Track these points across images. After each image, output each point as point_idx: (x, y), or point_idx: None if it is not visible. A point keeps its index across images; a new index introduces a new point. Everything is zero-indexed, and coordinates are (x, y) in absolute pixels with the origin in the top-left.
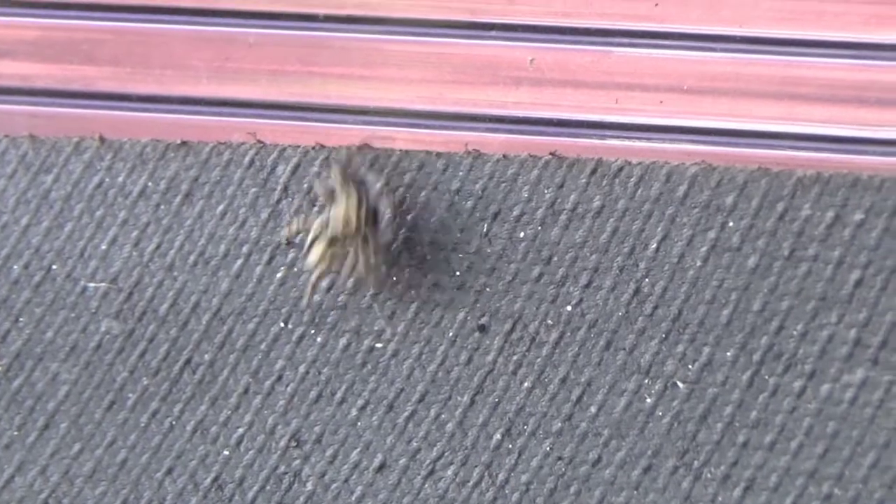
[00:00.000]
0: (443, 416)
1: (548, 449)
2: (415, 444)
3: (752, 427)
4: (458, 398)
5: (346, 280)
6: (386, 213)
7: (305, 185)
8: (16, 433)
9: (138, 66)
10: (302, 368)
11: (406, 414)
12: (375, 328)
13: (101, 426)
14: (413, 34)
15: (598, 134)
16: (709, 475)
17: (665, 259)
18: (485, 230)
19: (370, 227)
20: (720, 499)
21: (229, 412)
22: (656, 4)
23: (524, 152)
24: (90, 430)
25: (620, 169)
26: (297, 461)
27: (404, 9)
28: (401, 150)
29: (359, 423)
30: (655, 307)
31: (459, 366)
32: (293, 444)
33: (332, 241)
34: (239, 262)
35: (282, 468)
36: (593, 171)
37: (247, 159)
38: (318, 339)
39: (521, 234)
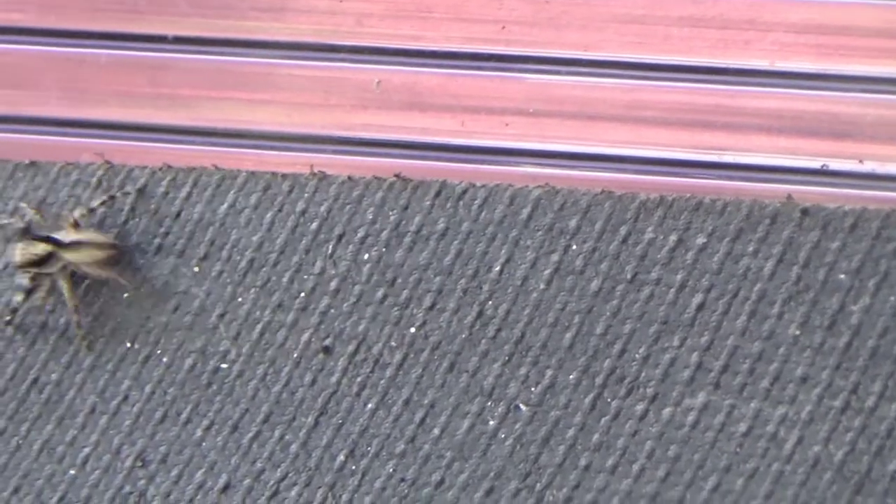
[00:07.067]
0: (287, 436)
1: (391, 470)
2: (259, 464)
3: (594, 450)
4: (303, 419)
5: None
6: None
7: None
8: None
9: None
10: (148, 388)
11: (250, 434)
12: (221, 349)
13: None
14: (261, 56)
15: (443, 156)
16: (551, 498)
17: (508, 282)
18: (329, 251)
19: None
20: None
21: (75, 432)
22: (503, 27)
23: (369, 174)
24: None
25: (465, 191)
26: (143, 481)
27: (251, 31)
28: (247, 172)
29: (203, 444)
30: (499, 329)
31: (304, 387)
32: (139, 464)
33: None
34: (86, 281)
35: (127, 488)
36: (437, 194)
37: (94, 179)
38: (164, 360)
39: (366, 256)
